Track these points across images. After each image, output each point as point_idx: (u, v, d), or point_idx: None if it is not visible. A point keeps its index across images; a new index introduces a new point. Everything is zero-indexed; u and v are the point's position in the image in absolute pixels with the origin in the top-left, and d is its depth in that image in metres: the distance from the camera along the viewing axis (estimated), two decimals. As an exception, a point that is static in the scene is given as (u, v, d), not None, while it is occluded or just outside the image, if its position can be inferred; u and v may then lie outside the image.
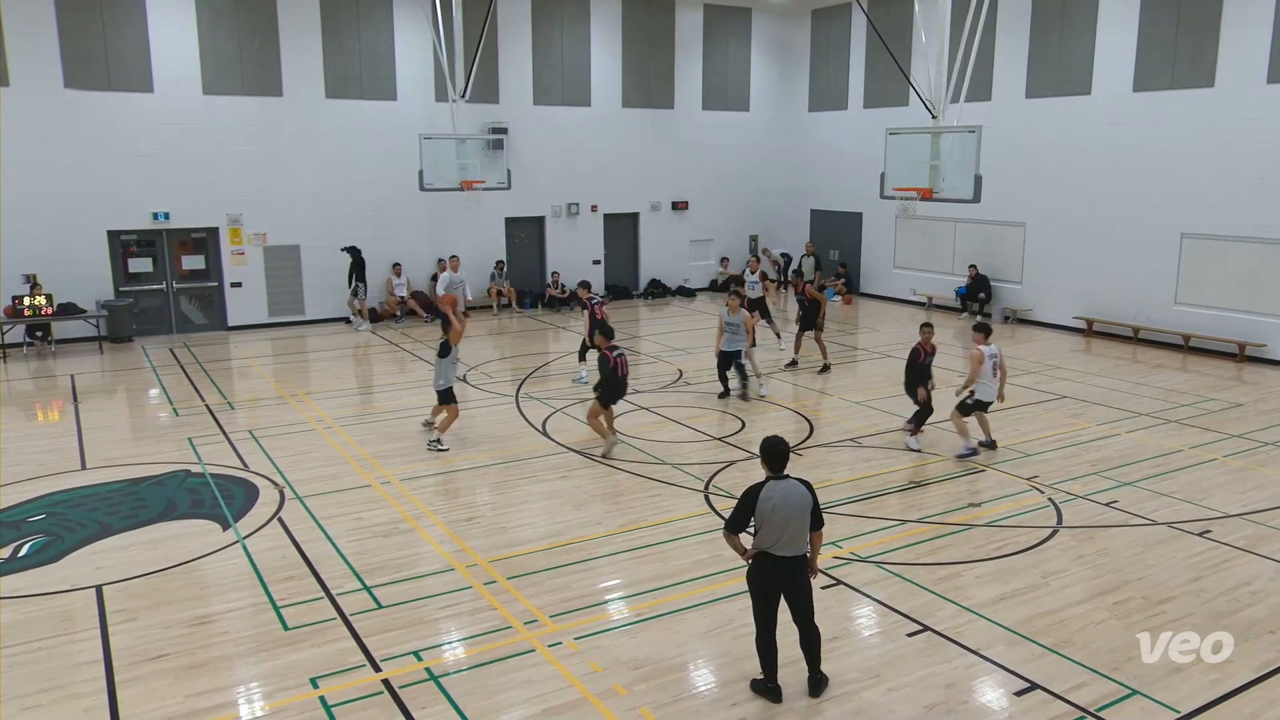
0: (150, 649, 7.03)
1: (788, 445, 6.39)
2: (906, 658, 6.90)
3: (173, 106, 18.91)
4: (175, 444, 12.24)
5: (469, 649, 7.09)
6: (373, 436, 12.50)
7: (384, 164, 20.96)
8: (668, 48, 24.70)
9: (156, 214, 19.19)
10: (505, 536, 9.20)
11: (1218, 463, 11.36)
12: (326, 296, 21.07)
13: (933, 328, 12.19)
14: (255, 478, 10.85)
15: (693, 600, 7.80)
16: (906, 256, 24.03)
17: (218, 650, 7.03)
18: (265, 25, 19.64)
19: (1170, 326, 18.14)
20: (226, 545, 8.94)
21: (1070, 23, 19.36)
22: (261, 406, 14.22)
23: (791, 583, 6.20)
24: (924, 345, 11.87)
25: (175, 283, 19.85)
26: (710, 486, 10.49)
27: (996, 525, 9.46)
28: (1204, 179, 17.36)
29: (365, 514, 9.74)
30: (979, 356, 11.32)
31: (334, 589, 8.01)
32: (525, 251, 23.86)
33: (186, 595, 7.93)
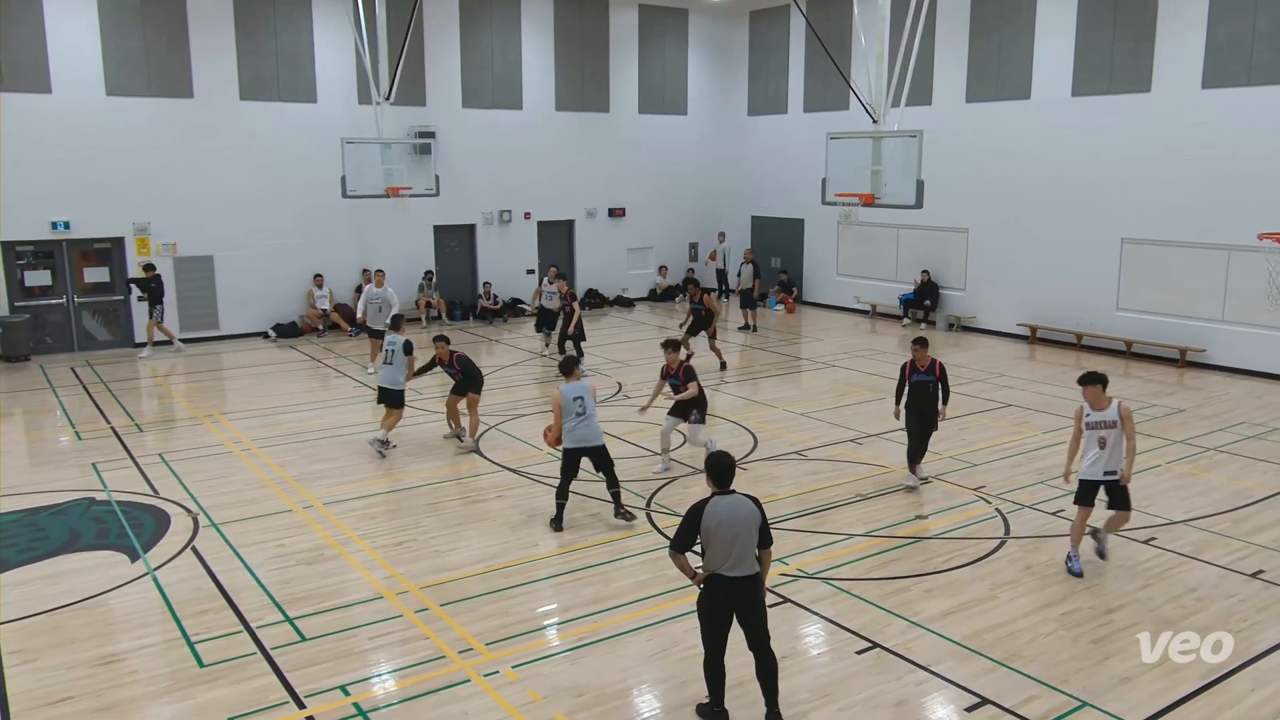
0: (52, 692, 6.79)
1: (734, 460, 6.37)
2: (856, 676, 6.99)
3: (73, 109, 18.37)
4: (78, 470, 11.86)
5: (400, 681, 6.98)
6: (295, 458, 12.27)
7: (304, 170, 20.64)
8: (602, 49, 24.81)
9: (56, 223, 18.60)
10: (438, 561, 9.09)
11: (1161, 469, 11.75)
12: (243, 310, 20.65)
13: (926, 343, 10.94)
14: (166, 504, 10.57)
15: (636, 623, 7.79)
16: (849, 264, 24.43)
17: (127, 691, 6.81)
18: (174, 22, 19.22)
19: (1112, 332, 18.74)
20: (135, 578, 8.68)
21: (1009, 27, 19.95)
22: (173, 428, 13.86)
23: (746, 604, 6.11)
24: (917, 363, 10.77)
25: (77, 297, 19.26)
26: (651, 504, 10.51)
27: (944, 537, 9.64)
28: (1143, 184, 18.01)
29: (287, 541, 9.55)
30: (1129, 412, 8.60)
31: (253, 621, 7.83)
32: (455, 261, 23.68)
33: (92, 633, 7.67)
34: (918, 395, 10.79)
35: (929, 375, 10.71)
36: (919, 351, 10.78)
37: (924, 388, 10.73)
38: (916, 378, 10.77)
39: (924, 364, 10.73)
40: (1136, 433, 8.66)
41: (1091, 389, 8.48)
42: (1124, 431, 8.42)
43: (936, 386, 10.70)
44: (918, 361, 10.77)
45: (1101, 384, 8.50)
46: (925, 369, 10.71)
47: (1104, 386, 8.50)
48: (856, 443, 12.89)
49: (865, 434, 13.26)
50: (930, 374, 10.70)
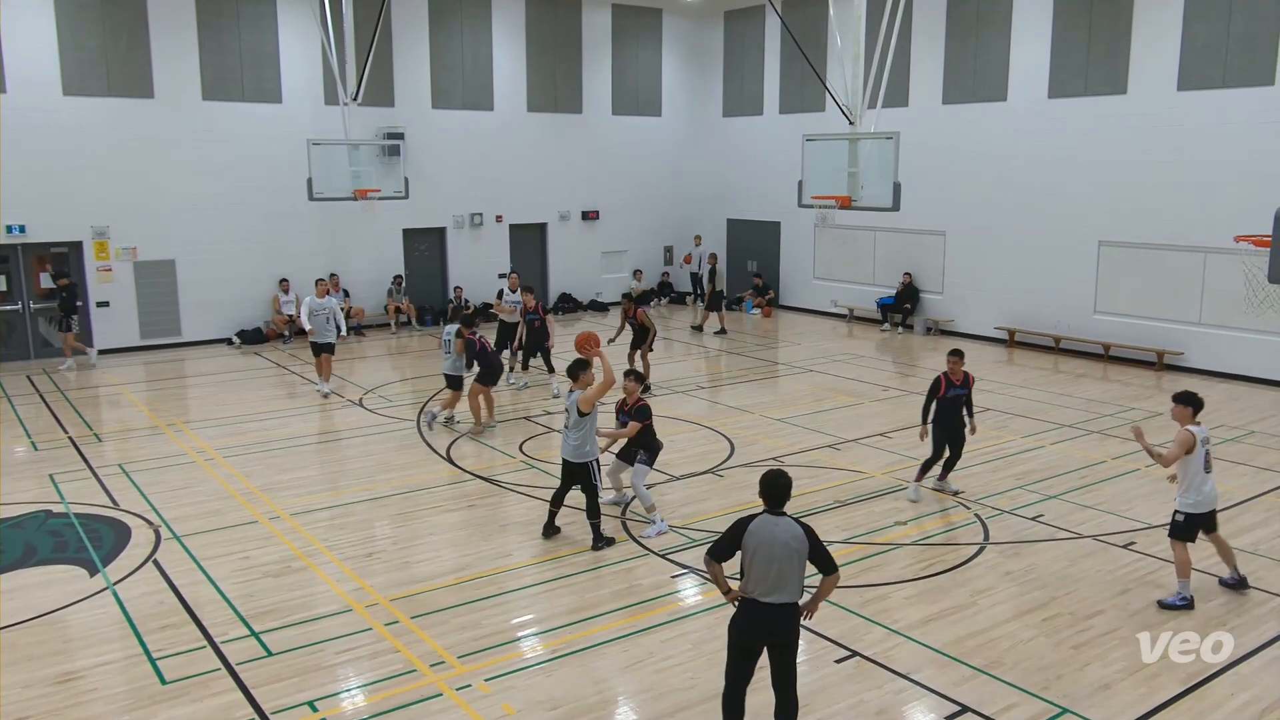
0: (8, 712, 6.68)
1: (789, 480, 5.96)
2: (836, 685, 7.01)
3: (28, 108, 18.11)
4: (34, 481, 11.69)
5: (370, 696, 6.92)
6: (260, 468, 12.15)
7: (269, 172, 20.48)
8: (575, 49, 24.82)
9: (10, 227, 18.33)
10: (408, 572, 9.03)
11: (1141, 473, 11.88)
12: (207, 316, 20.45)
13: (963, 356, 10.66)
14: (127, 516, 10.44)
15: (611, 634, 7.78)
16: (826, 267, 24.56)
17: (86, 710, 6.72)
18: (134, 20, 19.03)
19: (1090, 336, 18.95)
20: (95, 593, 8.57)
21: (985, 28, 20.16)
22: (133, 438, 13.69)
23: (778, 635, 5.81)
24: (951, 376, 10.48)
25: (32, 302, 18.98)
26: (627, 512, 10.49)
27: (923, 544, 9.70)
28: (1119, 186, 18.24)
29: (253, 553, 9.45)
30: (1188, 441, 8.21)
31: (217, 636, 7.74)
32: (425, 265, 23.59)
33: (49, 650, 7.56)
34: (948, 410, 10.54)
35: (963, 389, 10.50)
36: (955, 364, 10.47)
37: (956, 403, 10.49)
38: (951, 393, 10.48)
39: (959, 377, 10.48)
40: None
41: (1182, 409, 8.36)
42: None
43: (966, 401, 10.56)
44: (952, 374, 10.47)
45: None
46: (960, 383, 10.49)
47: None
48: (834, 448, 12.95)
49: (843, 439, 13.32)
50: (964, 388, 10.52)
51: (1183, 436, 8.22)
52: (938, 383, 10.57)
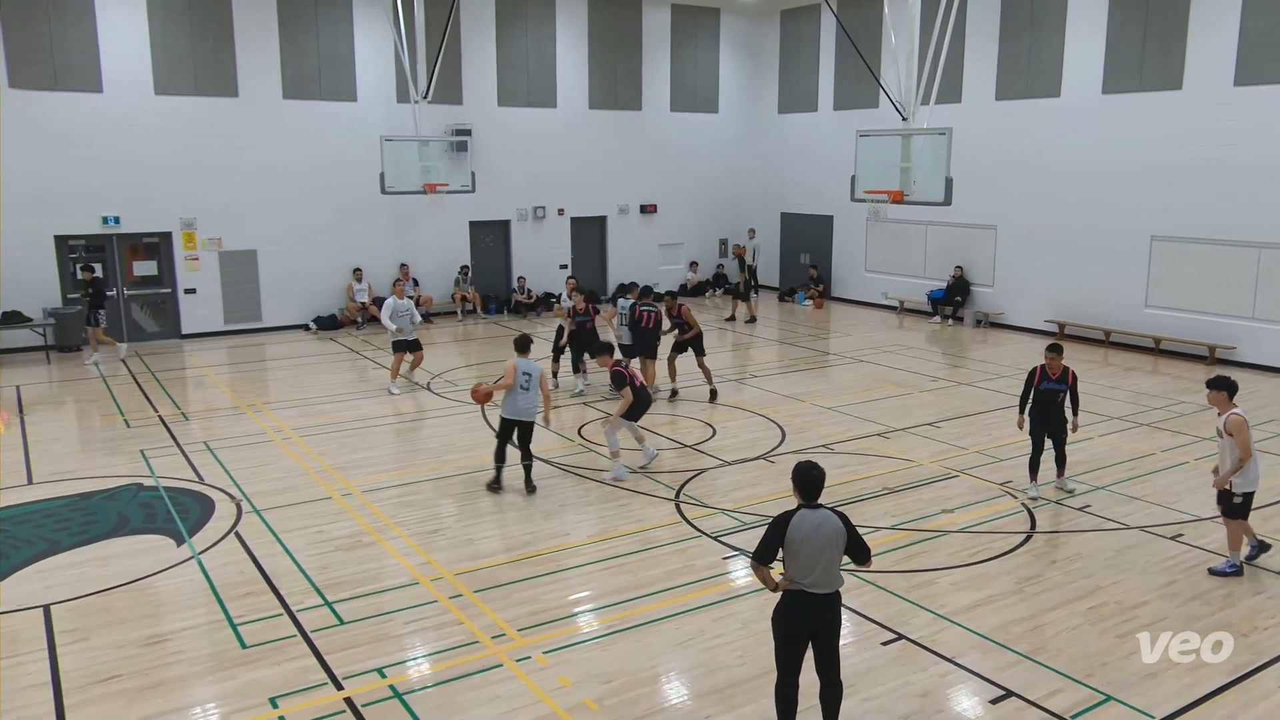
0: (101, 670, 6.90)
1: (822, 471, 5.82)
2: (881, 667, 6.95)
3: (123, 107, 18.65)
4: (127, 457, 12.04)
5: (434, 665, 7.03)
6: (334, 447, 12.38)
7: (344, 167, 20.81)
8: (635, 48, 24.77)
9: (106, 218, 18.91)
10: (471, 549, 9.14)
11: (1189, 466, 11.56)
12: (286, 303, 20.88)
13: (1060, 351, 10.26)
14: (211, 491, 10.70)
15: (664, 611, 7.79)
16: (878, 260, 24.24)
17: (172, 670, 6.91)
18: (220, 24, 19.44)
19: (1141, 329, 18.46)
20: (181, 561, 8.81)
21: (1039, 25, 19.67)
22: (217, 417, 14.04)
23: (824, 623, 5.76)
24: (1048, 369, 10.16)
25: (126, 289, 19.56)
26: (681, 495, 10.50)
27: (970, 531, 9.55)
28: (1173, 181, 17.69)
29: (326, 527, 9.64)
30: (1246, 423, 8.18)
31: (294, 605, 7.92)
32: (490, 256, 23.78)
33: (139, 614, 7.79)
34: (1043, 404, 10.23)
35: (1060, 384, 10.13)
36: (1052, 359, 10.15)
37: (1052, 396, 10.17)
38: (1045, 385, 10.18)
39: (1056, 372, 10.13)
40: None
41: (1218, 394, 8.41)
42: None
43: (1066, 396, 10.22)
44: (1050, 368, 10.15)
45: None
46: (1057, 377, 10.14)
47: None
48: (884, 437, 12.80)
49: (892, 428, 13.16)
50: (1061, 382, 10.13)
51: (1237, 420, 8.16)
52: (1033, 374, 10.30)
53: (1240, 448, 8.11)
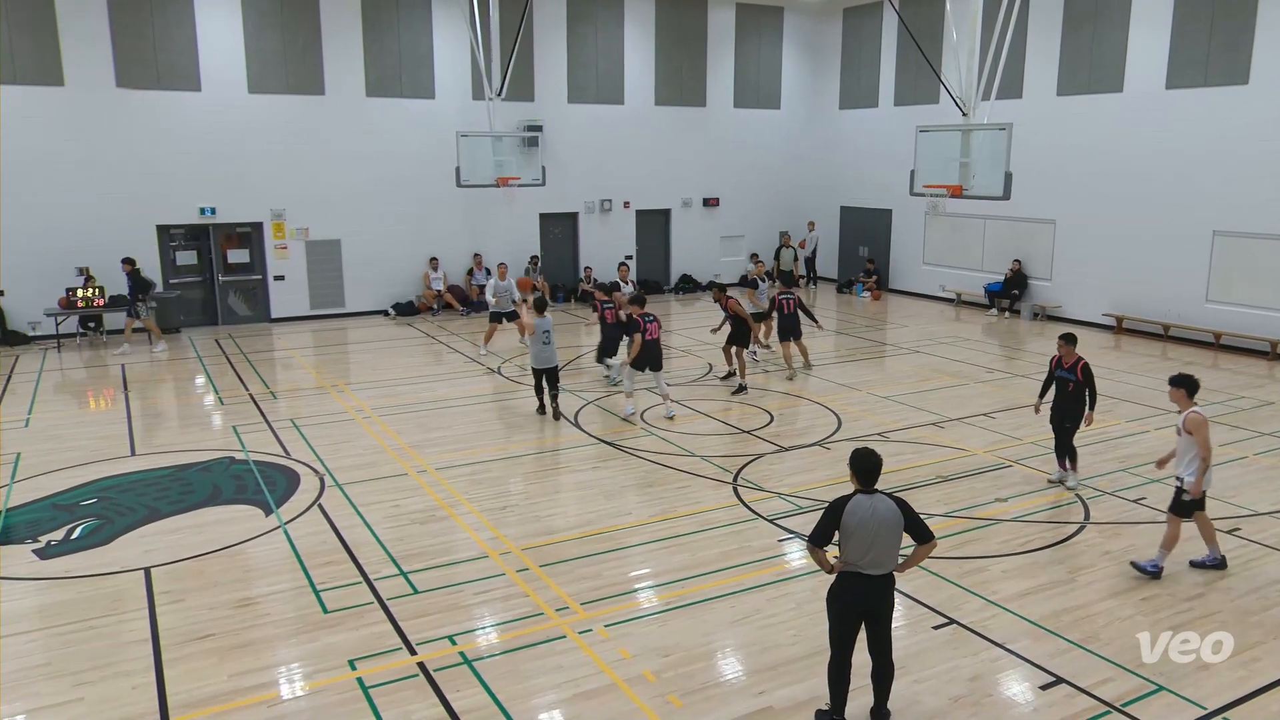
0: (196, 629, 7.16)
1: (879, 459, 5.75)
2: (932, 650, 6.86)
3: (219, 105, 19.16)
4: (220, 432, 12.44)
5: (502, 634, 7.14)
6: (410, 426, 12.61)
7: (422, 161, 21.10)
8: (700, 46, 24.61)
9: (203, 209, 19.48)
10: (538, 525, 9.24)
11: (1247, 461, 11.15)
12: (366, 290, 21.29)
13: (1074, 339, 10.13)
14: (296, 465, 10.99)
15: (720, 590, 7.80)
16: (936, 253, 23.79)
17: (260, 632, 7.14)
18: (309, 25, 19.83)
19: (1201, 324, 17.82)
20: (269, 530, 9.07)
21: (1102, 20, 19.04)
22: (302, 396, 14.39)
23: (877, 604, 5.72)
24: (1062, 358, 10.07)
25: (221, 276, 20.14)
26: (739, 479, 10.48)
27: (1023, 520, 9.36)
28: (1237, 177, 17.01)
29: (402, 502, 9.83)
30: (1201, 422, 7.84)
31: (372, 574, 8.10)
32: (559, 246, 23.92)
33: (230, 578, 8.05)
34: (1057, 391, 10.16)
35: (1069, 373, 9.97)
36: (1064, 348, 10.07)
37: (1064, 385, 10.06)
38: (1059, 373, 10.11)
39: (1068, 361, 10.00)
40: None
41: (1178, 391, 8.13)
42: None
43: (1078, 387, 9.99)
44: (1063, 357, 10.07)
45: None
46: (1068, 366, 9.99)
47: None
48: (938, 426, 12.59)
49: (947, 418, 12.94)
50: (1071, 372, 9.96)
51: (1196, 419, 7.84)
52: (1050, 363, 10.27)
53: (1200, 446, 7.78)
